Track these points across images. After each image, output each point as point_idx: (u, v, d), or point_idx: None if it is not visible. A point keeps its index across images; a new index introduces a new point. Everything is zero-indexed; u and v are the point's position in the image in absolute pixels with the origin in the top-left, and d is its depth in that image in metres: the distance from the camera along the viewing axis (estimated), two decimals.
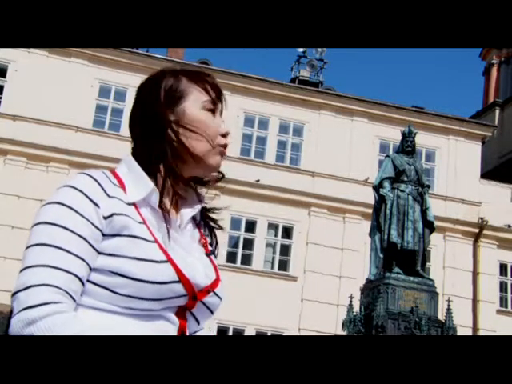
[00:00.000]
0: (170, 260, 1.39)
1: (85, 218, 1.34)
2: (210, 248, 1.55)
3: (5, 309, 16.48)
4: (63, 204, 1.35)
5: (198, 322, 1.49)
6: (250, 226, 21.85)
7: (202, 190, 1.57)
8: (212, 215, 1.60)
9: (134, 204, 1.41)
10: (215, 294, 1.48)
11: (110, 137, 21.00)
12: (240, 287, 19.54)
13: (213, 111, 1.51)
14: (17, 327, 1.25)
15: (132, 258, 1.35)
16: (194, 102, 1.48)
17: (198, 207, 1.53)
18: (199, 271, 1.45)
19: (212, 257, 1.54)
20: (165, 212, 1.42)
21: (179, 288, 1.39)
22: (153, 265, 1.36)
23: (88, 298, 1.35)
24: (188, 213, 1.51)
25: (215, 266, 1.53)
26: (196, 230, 1.55)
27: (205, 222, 1.58)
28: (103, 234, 1.36)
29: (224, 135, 1.51)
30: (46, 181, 19.63)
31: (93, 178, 1.39)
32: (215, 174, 1.55)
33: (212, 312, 1.50)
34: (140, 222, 1.39)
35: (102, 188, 1.39)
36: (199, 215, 1.56)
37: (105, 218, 1.36)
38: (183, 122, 1.46)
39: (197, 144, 1.46)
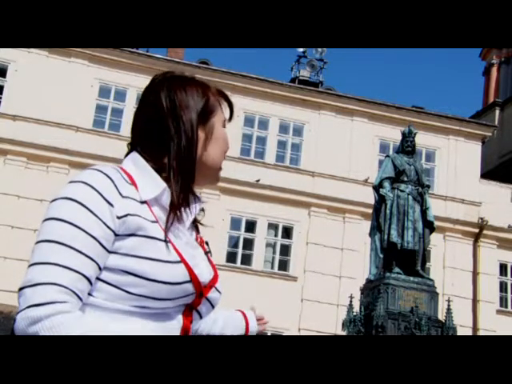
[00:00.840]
0: (183, 260, 1.41)
1: (98, 217, 1.35)
2: (206, 247, 1.58)
3: (5, 309, 16.48)
4: (76, 201, 1.35)
5: (200, 317, 1.53)
6: (250, 226, 21.84)
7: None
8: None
9: (145, 202, 1.42)
10: (216, 289, 1.53)
11: (110, 137, 21.00)
12: (240, 287, 19.53)
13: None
14: (22, 324, 1.26)
15: (147, 259, 1.37)
16: (219, 119, 1.54)
17: (197, 208, 1.54)
18: (204, 269, 1.48)
19: (209, 254, 1.58)
20: (175, 211, 1.44)
21: (190, 287, 1.42)
22: (168, 265, 1.38)
23: (99, 296, 1.36)
24: (191, 213, 1.52)
25: (212, 262, 1.57)
26: (193, 230, 1.57)
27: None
28: (116, 234, 1.37)
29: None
30: (46, 181, 19.64)
31: (107, 175, 1.39)
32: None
33: (213, 306, 1.54)
34: (153, 221, 1.40)
35: (116, 187, 1.39)
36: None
37: (119, 217, 1.37)
38: (211, 138, 1.51)
39: (216, 158, 1.53)
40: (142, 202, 1.41)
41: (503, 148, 28.66)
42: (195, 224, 1.59)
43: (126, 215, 1.37)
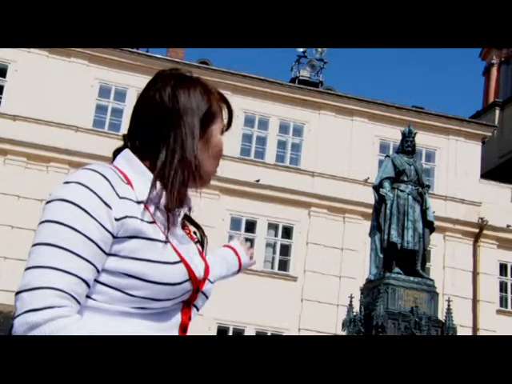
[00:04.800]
0: (182, 260, 1.41)
1: (95, 219, 1.33)
2: (194, 236, 1.58)
3: (5, 309, 16.49)
4: (73, 203, 1.33)
5: (197, 309, 1.53)
6: (250, 226, 21.84)
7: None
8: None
9: (142, 202, 1.40)
10: (209, 280, 1.53)
11: (110, 137, 20.98)
12: (240, 287, 19.53)
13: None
14: (20, 330, 1.25)
15: (149, 261, 1.36)
16: (218, 126, 1.52)
17: (186, 207, 1.54)
18: (198, 264, 1.48)
19: (198, 245, 1.57)
20: (172, 212, 1.43)
21: (188, 285, 1.43)
22: (168, 266, 1.38)
23: (100, 299, 1.35)
24: (181, 212, 1.52)
25: (201, 253, 1.56)
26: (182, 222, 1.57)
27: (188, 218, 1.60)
28: (114, 236, 1.35)
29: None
30: (45, 181, 19.62)
31: (103, 175, 1.38)
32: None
33: (207, 297, 1.55)
34: (151, 222, 1.39)
35: (113, 188, 1.37)
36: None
37: (117, 219, 1.35)
38: (209, 145, 1.49)
39: (210, 166, 1.51)
40: (139, 202, 1.40)
41: (503, 148, 28.66)
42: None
43: (124, 217, 1.36)
